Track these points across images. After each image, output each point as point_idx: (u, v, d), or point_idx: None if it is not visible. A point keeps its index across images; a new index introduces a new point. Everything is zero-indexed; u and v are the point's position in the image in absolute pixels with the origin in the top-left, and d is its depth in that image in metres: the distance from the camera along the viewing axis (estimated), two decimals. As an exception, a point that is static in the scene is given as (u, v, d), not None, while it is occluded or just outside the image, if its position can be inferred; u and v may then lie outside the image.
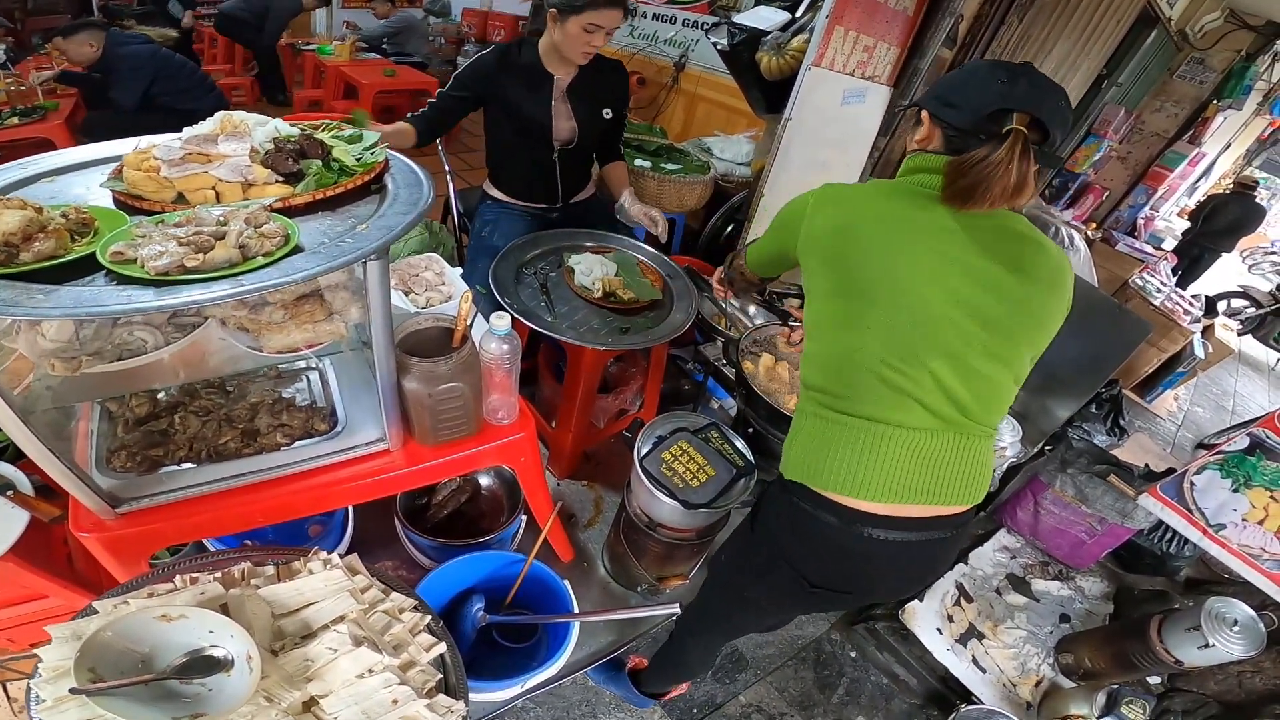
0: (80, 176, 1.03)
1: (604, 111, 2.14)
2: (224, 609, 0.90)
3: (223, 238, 0.78)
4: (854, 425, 1.04)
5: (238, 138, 1.00)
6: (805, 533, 1.10)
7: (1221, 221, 5.85)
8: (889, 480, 1.02)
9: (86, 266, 0.77)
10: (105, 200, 0.95)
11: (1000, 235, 1.06)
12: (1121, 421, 2.68)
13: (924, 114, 1.13)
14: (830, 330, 1.09)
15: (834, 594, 1.18)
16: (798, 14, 2.51)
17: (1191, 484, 1.75)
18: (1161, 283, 4.65)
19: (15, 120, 3.48)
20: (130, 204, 0.93)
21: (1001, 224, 1.06)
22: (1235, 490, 1.68)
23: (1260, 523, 1.65)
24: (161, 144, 0.97)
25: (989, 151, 0.97)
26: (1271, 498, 1.63)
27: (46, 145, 3.48)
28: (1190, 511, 1.76)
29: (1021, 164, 0.96)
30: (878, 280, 1.03)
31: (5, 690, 1.50)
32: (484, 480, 1.85)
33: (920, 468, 1.02)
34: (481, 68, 2.02)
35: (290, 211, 0.94)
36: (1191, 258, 6.13)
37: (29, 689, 0.82)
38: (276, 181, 0.97)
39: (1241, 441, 1.66)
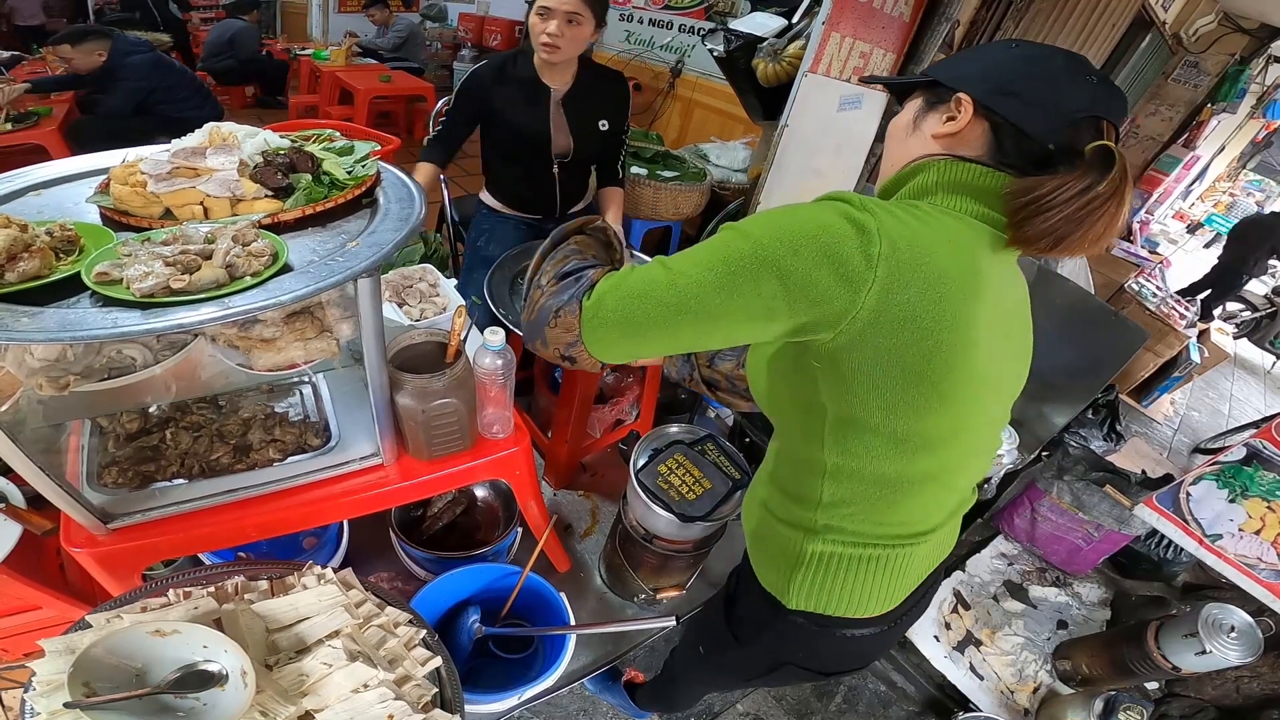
0: (69, 189, 1.01)
1: (600, 123, 2.09)
2: (217, 624, 0.90)
3: (209, 257, 0.78)
4: (884, 557, 0.88)
5: (226, 151, 0.99)
6: (818, 648, 1.01)
7: (1258, 242, 5.68)
8: (905, 586, 0.94)
9: (71, 286, 0.76)
10: (93, 215, 0.94)
11: (1013, 280, 0.86)
12: (1118, 427, 2.68)
13: (963, 99, 0.79)
14: (885, 461, 0.80)
15: (850, 671, 1.16)
16: (794, 20, 2.51)
17: (1188, 494, 1.75)
18: (1157, 287, 4.66)
19: (8, 126, 3.45)
20: (117, 219, 0.92)
21: (1014, 262, 0.86)
22: (1232, 500, 1.68)
23: (1257, 533, 1.65)
24: (149, 157, 0.96)
25: (1089, 180, 0.69)
26: (1268, 508, 1.63)
27: (40, 150, 3.48)
28: (1186, 522, 1.76)
29: (1130, 198, 0.72)
30: (962, 400, 0.76)
31: (0, 699, 1.50)
32: (480, 492, 1.84)
33: (928, 560, 0.96)
34: (478, 81, 1.99)
35: (279, 227, 0.93)
36: (1223, 282, 5.92)
37: (23, 701, 0.82)
38: (265, 196, 0.96)
39: (1238, 452, 1.66)
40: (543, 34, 1.79)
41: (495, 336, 1.16)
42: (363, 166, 1.07)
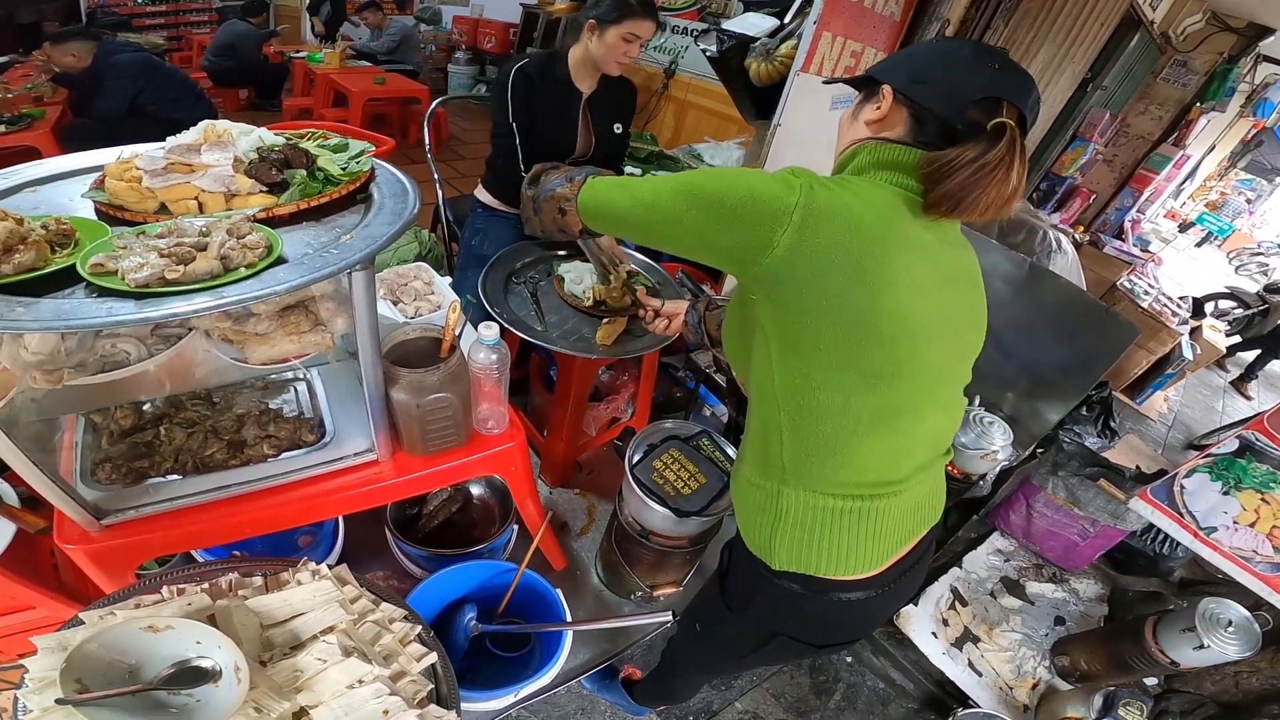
0: (63, 186, 1.01)
1: (615, 125, 2.19)
2: (211, 620, 0.90)
3: (204, 249, 0.78)
4: (858, 510, 0.93)
5: (221, 147, 0.99)
6: (806, 614, 1.05)
7: None
8: (886, 547, 0.97)
9: (67, 278, 0.76)
10: (87, 211, 0.94)
11: (953, 244, 0.94)
12: (1112, 423, 2.68)
13: (885, 90, 0.91)
14: (825, 391, 0.87)
15: (842, 645, 1.20)
16: (786, 20, 2.52)
17: (1181, 487, 1.75)
18: (1149, 284, 4.68)
19: (1, 128, 3.45)
20: (112, 215, 0.92)
21: (953, 231, 0.95)
22: (1225, 493, 1.68)
23: (1251, 525, 1.65)
24: (144, 154, 0.96)
25: (981, 150, 0.80)
26: (1262, 500, 1.63)
27: (33, 153, 3.47)
28: (1181, 515, 1.76)
29: (1020, 167, 0.81)
30: (894, 338, 0.84)
31: (-5, 699, 1.49)
32: (475, 489, 1.84)
33: (908, 520, 1.00)
34: (526, 79, 1.99)
35: (274, 222, 0.93)
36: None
37: (15, 699, 0.81)
38: (260, 192, 0.96)
39: (1231, 444, 1.66)
40: (625, 55, 1.93)
41: (489, 330, 1.17)
42: (357, 162, 1.07)
